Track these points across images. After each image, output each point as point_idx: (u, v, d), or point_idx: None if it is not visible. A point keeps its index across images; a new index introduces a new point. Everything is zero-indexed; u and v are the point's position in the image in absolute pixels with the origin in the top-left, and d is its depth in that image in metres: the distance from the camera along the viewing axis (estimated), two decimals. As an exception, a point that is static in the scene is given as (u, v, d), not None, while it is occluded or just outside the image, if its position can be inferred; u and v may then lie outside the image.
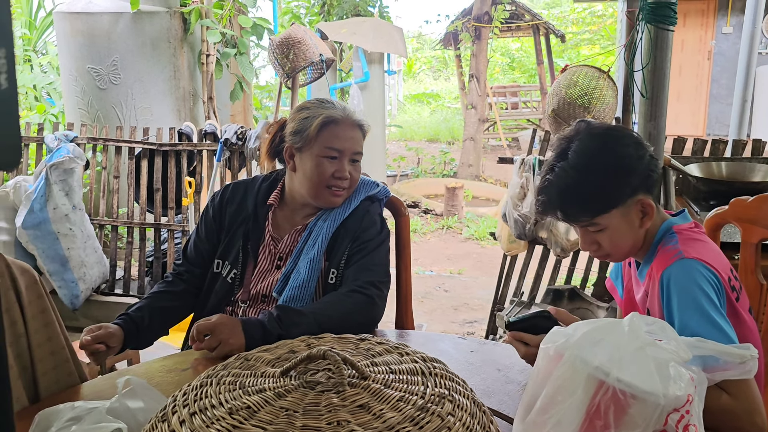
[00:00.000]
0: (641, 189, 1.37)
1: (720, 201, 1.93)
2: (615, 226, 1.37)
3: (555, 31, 11.23)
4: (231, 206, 1.76)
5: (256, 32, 4.92)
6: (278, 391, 0.91)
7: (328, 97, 1.82)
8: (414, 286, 4.97)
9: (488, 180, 8.88)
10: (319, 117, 1.67)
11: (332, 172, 1.66)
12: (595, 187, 1.35)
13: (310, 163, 1.67)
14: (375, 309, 1.61)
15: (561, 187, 1.36)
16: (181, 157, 3.88)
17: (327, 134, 1.67)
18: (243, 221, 1.73)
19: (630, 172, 1.35)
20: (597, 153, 1.36)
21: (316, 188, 1.68)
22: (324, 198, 1.69)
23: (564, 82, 3.25)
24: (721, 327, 1.24)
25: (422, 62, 19.09)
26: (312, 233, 1.69)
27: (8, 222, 3.64)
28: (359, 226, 1.70)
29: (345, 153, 1.68)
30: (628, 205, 1.36)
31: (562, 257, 3.44)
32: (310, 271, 1.64)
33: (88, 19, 4.45)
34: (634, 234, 1.39)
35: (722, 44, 10.33)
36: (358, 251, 1.67)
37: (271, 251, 1.72)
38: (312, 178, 1.67)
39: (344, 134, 1.68)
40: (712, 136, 4.75)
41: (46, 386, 1.35)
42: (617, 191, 1.35)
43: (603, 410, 0.96)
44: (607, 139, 1.38)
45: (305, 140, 1.67)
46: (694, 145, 3.29)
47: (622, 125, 1.47)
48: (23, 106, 6.36)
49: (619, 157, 1.36)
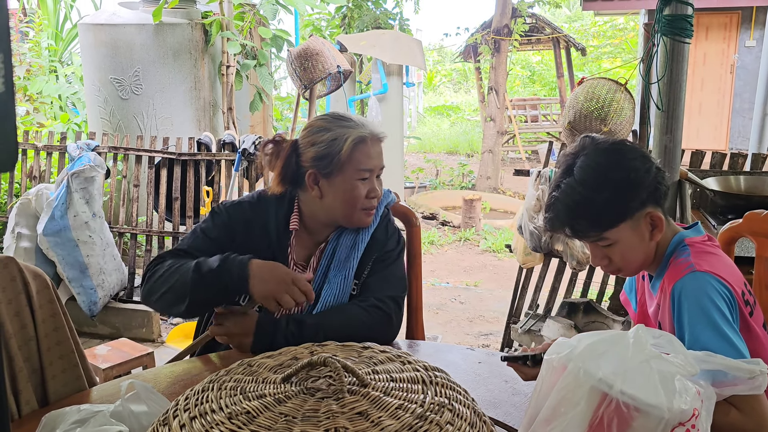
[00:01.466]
0: (649, 202, 1.36)
1: (737, 215, 1.90)
2: (625, 240, 1.36)
3: (575, 44, 11.20)
4: (239, 231, 1.61)
5: (275, 44, 4.98)
6: (278, 397, 0.92)
7: (341, 111, 1.72)
8: (429, 298, 4.98)
9: (506, 192, 8.85)
10: (348, 138, 1.56)
11: (366, 194, 1.59)
12: (603, 201, 1.34)
13: (344, 186, 1.57)
14: (391, 327, 1.60)
15: (568, 204, 1.35)
16: (199, 167, 3.92)
17: (359, 155, 1.56)
18: (264, 250, 1.59)
19: (637, 185, 1.35)
20: (604, 167, 1.35)
21: (351, 211, 1.60)
22: (359, 220, 1.62)
23: (581, 95, 3.24)
24: (732, 341, 1.22)
25: (442, 75, 19.13)
26: (336, 251, 1.63)
27: (30, 229, 3.70)
28: (385, 236, 1.68)
29: (375, 171, 1.61)
30: (636, 218, 1.35)
31: (578, 270, 3.41)
32: (342, 292, 1.61)
33: (111, 30, 4.53)
34: (644, 248, 1.38)
35: (745, 58, 10.22)
36: (381, 261, 1.66)
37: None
38: (348, 201, 1.58)
39: (374, 152, 1.60)
40: (732, 150, 4.70)
41: (54, 390, 1.36)
42: (625, 205, 1.34)
43: (606, 423, 0.95)
44: (613, 153, 1.37)
45: (336, 165, 1.56)
46: (713, 159, 3.26)
47: (625, 140, 1.46)
48: (48, 116, 6.48)
49: (626, 171, 1.35)
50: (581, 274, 3.52)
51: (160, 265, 1.55)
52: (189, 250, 1.58)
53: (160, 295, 1.51)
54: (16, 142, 0.53)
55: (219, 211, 1.64)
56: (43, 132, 4.40)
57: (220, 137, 4.15)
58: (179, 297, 1.47)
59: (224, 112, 4.77)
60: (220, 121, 4.82)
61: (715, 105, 10.43)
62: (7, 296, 1.33)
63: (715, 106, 10.43)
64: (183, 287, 1.47)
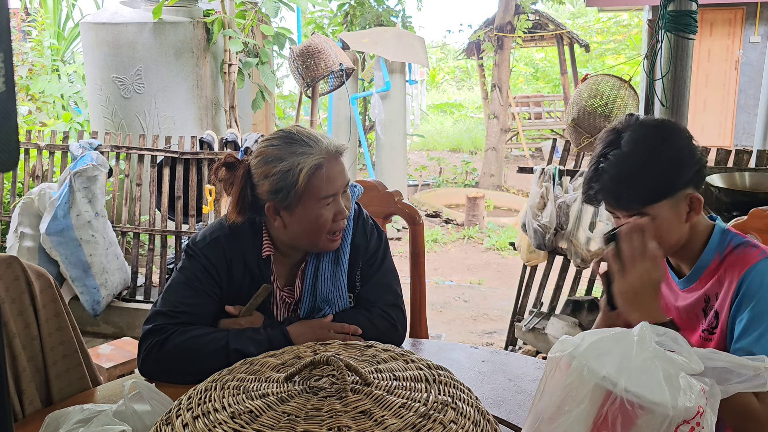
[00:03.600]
0: (692, 183, 1.36)
1: (742, 212, 1.90)
2: (664, 217, 1.35)
3: (579, 40, 11.17)
4: (222, 272, 1.52)
5: (277, 42, 4.97)
6: (281, 396, 0.91)
7: (297, 129, 1.52)
8: (433, 296, 4.98)
9: (510, 190, 8.84)
10: (303, 169, 1.42)
11: (332, 217, 1.48)
12: (650, 174, 1.34)
13: (307, 217, 1.46)
14: (398, 335, 1.59)
15: (617, 174, 1.35)
16: (202, 166, 3.92)
17: (317, 183, 1.43)
18: (247, 285, 1.53)
19: (684, 163, 1.35)
20: (653, 142, 1.36)
21: (317, 238, 1.49)
22: (326, 244, 1.51)
23: (584, 92, 3.23)
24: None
25: (445, 72, 19.10)
26: (319, 269, 1.56)
27: (33, 228, 3.71)
28: (365, 239, 1.60)
29: (339, 192, 1.48)
30: (678, 197, 1.35)
31: (583, 268, 3.40)
32: (340, 305, 1.57)
33: (113, 29, 4.53)
34: (680, 229, 1.37)
35: (750, 54, 10.17)
36: (369, 266, 1.60)
37: (286, 302, 1.60)
38: (313, 230, 1.48)
39: (334, 174, 1.45)
40: (737, 147, 4.68)
41: (58, 389, 1.36)
42: (671, 181, 1.34)
43: (610, 421, 0.95)
44: (663, 129, 1.38)
45: (294, 197, 1.44)
46: (718, 156, 3.24)
47: (671, 120, 1.47)
48: (50, 115, 6.48)
49: (674, 148, 1.36)
50: (585, 271, 3.51)
51: (164, 339, 1.41)
52: (184, 310, 1.46)
53: (178, 375, 1.38)
54: (18, 142, 0.52)
55: (195, 254, 1.52)
56: (45, 131, 4.41)
57: (223, 136, 4.14)
58: (206, 375, 1.13)
59: (226, 111, 4.77)
60: (222, 119, 4.82)
61: (720, 101, 10.39)
62: (11, 296, 1.33)
63: (719, 102, 10.39)
64: (215, 368, 1.13)
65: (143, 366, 1.42)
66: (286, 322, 1.51)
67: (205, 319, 1.48)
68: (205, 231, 1.56)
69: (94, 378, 1.45)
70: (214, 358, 1.35)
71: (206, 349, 1.39)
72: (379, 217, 1.90)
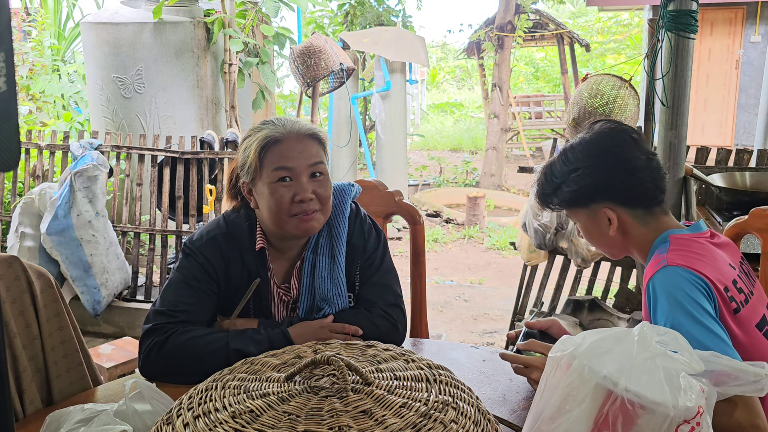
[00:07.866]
0: (609, 199, 1.39)
1: (743, 211, 1.89)
2: (582, 223, 1.45)
3: (579, 40, 11.16)
4: (219, 270, 1.52)
5: (278, 41, 4.97)
6: (282, 396, 0.91)
7: (279, 117, 1.58)
8: (434, 296, 4.97)
9: (511, 189, 8.84)
10: (255, 141, 1.46)
11: (291, 197, 1.44)
12: (568, 181, 1.41)
13: (265, 192, 1.46)
14: (399, 335, 1.58)
15: (545, 168, 1.46)
16: (202, 165, 3.92)
17: (271, 156, 1.45)
18: (245, 282, 1.53)
19: (607, 182, 1.39)
20: (584, 153, 1.41)
21: (280, 220, 1.46)
22: (294, 228, 1.47)
23: (585, 91, 3.23)
24: (712, 329, 1.22)
25: (446, 72, 19.09)
26: (316, 269, 1.55)
27: (34, 228, 3.71)
28: (363, 239, 1.59)
29: (299, 170, 1.45)
30: (592, 209, 1.41)
31: (583, 267, 3.40)
32: (339, 305, 1.56)
33: (113, 29, 4.53)
34: (605, 238, 1.43)
35: (750, 53, 10.17)
36: (368, 266, 1.60)
37: (283, 299, 1.58)
38: (272, 209, 1.46)
39: (291, 150, 1.45)
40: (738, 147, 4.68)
41: (59, 389, 1.37)
42: (586, 194, 1.41)
43: (611, 420, 0.95)
44: (599, 145, 1.42)
45: (252, 170, 1.47)
46: (718, 155, 3.24)
47: (626, 131, 1.47)
48: (50, 115, 6.48)
49: (601, 165, 1.40)
50: (586, 271, 3.52)
51: (164, 340, 1.41)
52: (183, 309, 1.46)
53: (178, 375, 1.38)
54: (19, 141, 0.52)
55: (192, 253, 1.52)
56: (45, 131, 4.41)
57: (223, 135, 4.15)
58: (206, 375, 1.13)
59: (227, 111, 4.77)
60: (222, 119, 4.82)
61: (720, 101, 10.39)
62: (12, 295, 1.33)
63: (720, 101, 10.39)
64: (215, 368, 1.14)
65: (144, 367, 1.42)
66: (287, 322, 1.51)
67: (204, 318, 1.49)
68: (202, 230, 1.57)
69: (95, 378, 1.45)
70: (215, 359, 1.36)
71: (206, 350, 1.39)
72: (379, 217, 1.90)
